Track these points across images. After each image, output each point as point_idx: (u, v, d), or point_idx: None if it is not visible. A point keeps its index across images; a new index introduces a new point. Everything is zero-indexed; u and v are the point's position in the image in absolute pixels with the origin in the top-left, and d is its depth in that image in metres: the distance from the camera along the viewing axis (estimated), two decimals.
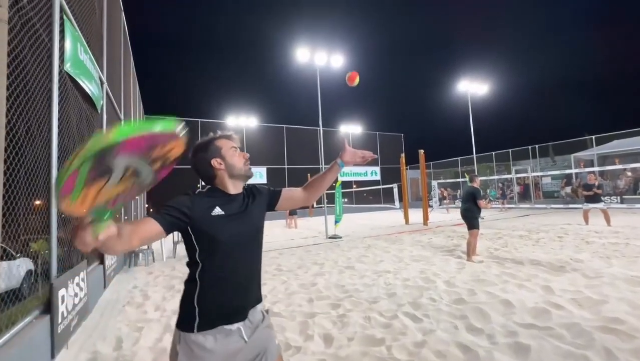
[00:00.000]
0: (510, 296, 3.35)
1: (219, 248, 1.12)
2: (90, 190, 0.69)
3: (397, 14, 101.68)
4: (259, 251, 1.27)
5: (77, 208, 0.70)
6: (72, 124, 3.32)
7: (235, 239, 1.15)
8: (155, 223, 1.04)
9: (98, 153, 0.65)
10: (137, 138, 0.70)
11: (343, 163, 1.41)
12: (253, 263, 1.24)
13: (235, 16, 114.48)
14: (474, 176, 5.75)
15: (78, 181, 0.65)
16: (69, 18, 3.18)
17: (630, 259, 4.72)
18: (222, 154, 1.20)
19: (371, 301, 3.47)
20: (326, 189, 1.44)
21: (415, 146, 25.79)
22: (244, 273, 1.18)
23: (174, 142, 0.80)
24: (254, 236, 1.24)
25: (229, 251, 1.13)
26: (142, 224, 1.02)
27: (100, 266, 4.39)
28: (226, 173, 1.21)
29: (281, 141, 21.26)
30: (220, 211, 1.14)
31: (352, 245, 7.44)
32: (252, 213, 1.24)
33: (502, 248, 6.18)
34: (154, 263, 6.35)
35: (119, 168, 0.71)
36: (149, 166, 0.79)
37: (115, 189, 0.75)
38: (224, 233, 1.12)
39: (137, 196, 0.92)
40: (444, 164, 26.28)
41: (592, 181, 8.89)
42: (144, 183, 0.85)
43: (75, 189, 0.66)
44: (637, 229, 7.83)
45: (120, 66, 7.13)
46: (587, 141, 18.36)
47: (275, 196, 1.38)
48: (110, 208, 0.79)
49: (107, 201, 0.77)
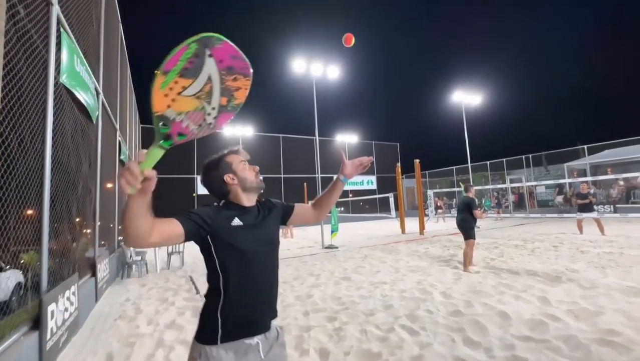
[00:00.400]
0: (507, 308, 3.33)
1: (239, 258, 1.13)
2: (177, 85, 0.75)
3: (393, 25, 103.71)
4: (277, 263, 1.28)
5: (160, 99, 0.75)
6: (67, 135, 3.30)
7: (254, 248, 1.17)
8: (178, 225, 1.05)
9: (203, 40, 0.73)
10: (228, 45, 0.77)
11: (346, 178, 1.43)
12: (272, 274, 1.24)
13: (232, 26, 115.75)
14: (469, 185, 5.79)
15: (178, 64, 0.72)
16: (66, 30, 3.19)
17: (624, 269, 4.74)
18: (233, 169, 1.23)
19: (368, 313, 3.44)
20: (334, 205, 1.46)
21: (411, 155, 25.93)
22: (264, 284, 1.19)
23: (244, 80, 0.83)
24: (271, 247, 1.26)
25: (249, 261, 1.15)
26: (166, 222, 1.03)
27: (92, 278, 4.31)
28: (239, 187, 1.23)
29: (277, 151, 21.31)
30: (239, 222, 1.17)
31: (348, 255, 7.39)
32: (268, 225, 1.27)
33: (498, 257, 6.18)
34: (147, 275, 6.25)
35: (204, 74, 0.77)
36: (219, 95, 0.81)
37: (189, 103, 0.78)
38: (244, 242, 1.14)
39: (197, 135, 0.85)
40: (439, 173, 26.46)
41: (585, 191, 9.02)
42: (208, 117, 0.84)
43: (172, 71, 0.73)
44: (631, 238, 7.89)
45: (116, 76, 7.15)
46: (579, 150, 18.65)
47: (288, 211, 1.41)
48: (171, 132, 0.79)
49: (179, 113, 0.78)
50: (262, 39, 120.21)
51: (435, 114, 67.29)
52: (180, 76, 0.75)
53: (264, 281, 1.20)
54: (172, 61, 0.73)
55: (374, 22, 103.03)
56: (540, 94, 69.59)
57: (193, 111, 0.80)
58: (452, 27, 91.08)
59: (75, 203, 3.78)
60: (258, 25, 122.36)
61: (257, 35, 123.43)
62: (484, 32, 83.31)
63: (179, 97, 0.77)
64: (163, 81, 0.74)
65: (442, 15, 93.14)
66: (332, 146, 24.04)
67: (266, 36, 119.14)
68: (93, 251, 4.70)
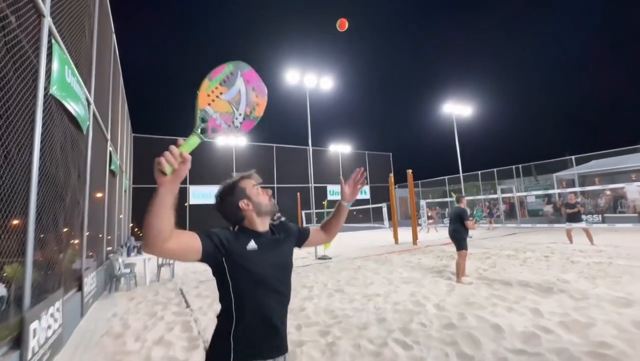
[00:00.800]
0: (500, 320, 3.33)
1: (253, 281, 1.13)
2: (217, 90, 0.97)
3: (386, 38, 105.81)
4: (290, 288, 1.27)
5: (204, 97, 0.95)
6: (56, 146, 3.25)
7: (269, 273, 1.17)
8: (198, 240, 1.05)
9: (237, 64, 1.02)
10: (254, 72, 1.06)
11: (349, 204, 1.50)
12: (285, 299, 1.23)
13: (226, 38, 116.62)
14: (461, 196, 5.84)
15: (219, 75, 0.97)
16: (58, 41, 3.18)
17: (614, 279, 4.80)
18: (247, 195, 1.23)
19: (361, 327, 3.39)
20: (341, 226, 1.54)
21: (404, 165, 26.10)
22: (277, 308, 1.19)
23: (262, 98, 1.09)
24: (285, 272, 1.26)
25: (263, 286, 1.15)
26: (185, 233, 1.03)
27: (79, 293, 4.18)
28: (254, 212, 1.23)
29: (270, 160, 21.28)
30: (254, 246, 1.17)
31: (341, 266, 7.34)
32: (282, 249, 1.28)
33: (490, 268, 6.21)
34: (136, 288, 6.09)
35: (236, 87, 1.01)
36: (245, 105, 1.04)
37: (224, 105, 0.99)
38: (259, 267, 1.14)
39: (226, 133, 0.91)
40: (431, 183, 26.67)
41: (572, 201, 9.26)
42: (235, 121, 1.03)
43: (215, 79, 0.97)
44: (619, 248, 8.02)
45: (109, 86, 7.11)
46: (567, 160, 19.05)
47: (304, 236, 1.44)
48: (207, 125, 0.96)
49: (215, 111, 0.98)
50: (255, 49, 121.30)
51: (427, 125, 68.36)
52: (220, 84, 0.98)
53: (277, 306, 1.19)
54: (215, 72, 0.96)
55: (368, 33, 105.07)
56: (530, 106, 71.39)
57: (226, 112, 1.00)
58: (445, 40, 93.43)
59: (63, 215, 3.70)
60: (252, 37, 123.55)
61: (249, 45, 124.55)
62: (476, 45, 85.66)
63: (217, 99, 0.98)
64: (208, 85, 0.96)
65: (435, 29, 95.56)
66: (325, 156, 24.12)
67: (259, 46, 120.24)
68: (80, 263, 4.58)
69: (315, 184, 18.73)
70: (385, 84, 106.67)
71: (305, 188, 20.38)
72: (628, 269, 5.44)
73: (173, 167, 0.85)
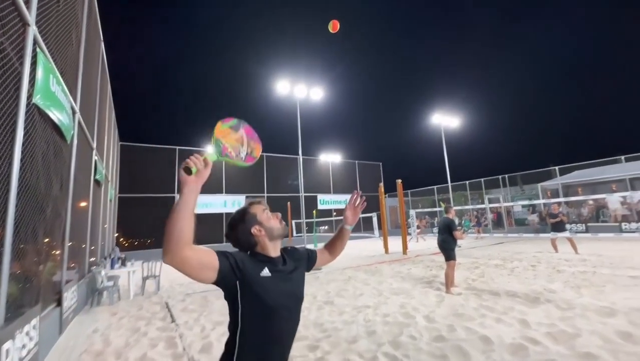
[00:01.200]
0: (488, 332, 3.34)
1: (263, 310, 1.11)
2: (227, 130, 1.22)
3: (377, 49, 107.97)
4: (299, 319, 1.27)
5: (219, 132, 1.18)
6: (37, 157, 3.15)
7: (280, 303, 1.15)
8: (215, 257, 1.05)
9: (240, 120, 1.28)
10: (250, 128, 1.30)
11: (351, 226, 1.57)
12: (292, 329, 1.22)
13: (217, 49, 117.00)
14: (449, 207, 5.91)
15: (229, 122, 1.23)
16: (43, 50, 3.12)
17: (598, 289, 4.89)
18: (259, 220, 1.24)
19: (350, 341, 3.35)
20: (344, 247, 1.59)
21: (394, 174, 26.31)
22: (285, 337, 1.18)
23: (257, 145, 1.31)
24: (296, 302, 1.25)
25: (273, 315, 1.13)
26: (203, 248, 1.04)
27: (58, 308, 4.00)
28: (266, 237, 1.24)
29: (261, 169, 21.18)
30: (268, 273, 1.16)
31: (331, 277, 7.28)
32: (296, 279, 1.27)
33: (479, 278, 6.25)
34: (119, 302, 5.89)
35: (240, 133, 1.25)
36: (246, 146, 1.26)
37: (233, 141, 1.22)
38: (271, 295, 1.13)
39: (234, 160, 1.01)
40: (420, 193, 26.95)
41: (555, 211, 9.54)
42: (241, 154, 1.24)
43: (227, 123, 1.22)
44: (602, 256, 8.21)
45: (96, 94, 7.01)
46: (551, 171, 19.58)
47: (312, 260, 1.46)
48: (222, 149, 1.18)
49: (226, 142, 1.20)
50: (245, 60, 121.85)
51: (417, 135, 69.60)
52: (229, 128, 1.23)
53: (285, 335, 1.18)
54: (226, 120, 1.22)
55: (358, 45, 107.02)
56: (516, 118, 73.53)
57: (233, 146, 1.23)
58: (434, 52, 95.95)
59: (43, 226, 3.57)
60: (242, 47, 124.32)
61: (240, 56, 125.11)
62: (464, 59, 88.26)
63: (228, 136, 1.21)
64: (221, 125, 1.20)
65: (424, 41, 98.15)
66: (316, 165, 24.16)
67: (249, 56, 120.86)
68: (60, 276, 4.40)
69: (305, 194, 18.68)
70: (376, 95, 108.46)
71: (296, 197, 20.30)
72: (611, 278, 5.56)
73: (197, 168, 1.02)
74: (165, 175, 17.84)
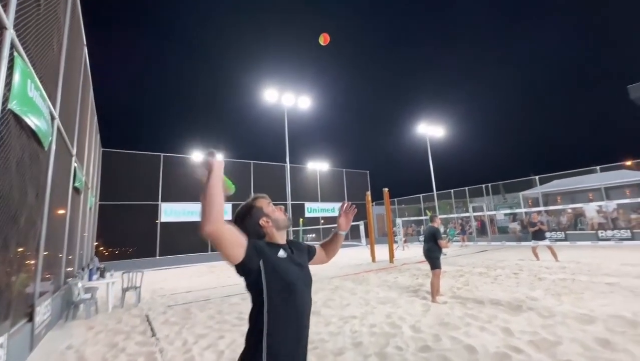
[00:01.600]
0: (473, 341, 3.36)
1: (287, 287, 1.19)
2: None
3: (364, 58, 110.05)
4: (312, 299, 1.33)
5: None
6: (11, 164, 3.02)
7: (299, 281, 1.25)
8: (244, 237, 1.16)
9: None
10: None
11: (343, 231, 1.69)
12: (310, 304, 1.29)
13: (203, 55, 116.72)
14: (434, 215, 5.99)
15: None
16: (21, 54, 3.02)
17: (577, 296, 5.03)
18: (265, 213, 1.35)
19: (336, 353, 3.30)
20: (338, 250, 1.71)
21: (381, 182, 26.56)
22: (307, 312, 1.25)
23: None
24: (309, 287, 1.33)
25: (294, 293, 1.20)
26: (236, 230, 1.15)
27: (29, 324, 3.79)
28: (274, 228, 1.34)
29: (248, 177, 20.99)
30: (284, 254, 1.28)
31: (318, 287, 7.20)
32: (306, 266, 1.38)
33: (464, 286, 6.32)
34: (96, 315, 5.64)
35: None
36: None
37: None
38: (290, 273, 1.23)
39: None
40: (407, 201, 27.25)
41: (535, 220, 9.84)
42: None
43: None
44: (580, 264, 8.47)
45: (77, 100, 6.82)
46: (532, 180, 20.22)
47: (312, 253, 1.55)
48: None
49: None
50: (233, 68, 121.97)
51: (403, 144, 70.73)
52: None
53: (305, 310, 1.24)
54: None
55: (345, 53, 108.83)
56: (499, 128, 76.00)
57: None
58: (419, 63, 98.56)
59: (16, 237, 3.40)
60: (230, 54, 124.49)
61: (227, 64, 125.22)
62: (449, 73, 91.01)
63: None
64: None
65: (410, 51, 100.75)
66: (303, 173, 24.12)
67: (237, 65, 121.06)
68: (33, 288, 4.18)
69: (292, 202, 18.56)
70: (363, 104, 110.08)
71: (283, 205, 20.16)
72: (589, 285, 5.73)
73: None
74: (149, 182, 17.42)
